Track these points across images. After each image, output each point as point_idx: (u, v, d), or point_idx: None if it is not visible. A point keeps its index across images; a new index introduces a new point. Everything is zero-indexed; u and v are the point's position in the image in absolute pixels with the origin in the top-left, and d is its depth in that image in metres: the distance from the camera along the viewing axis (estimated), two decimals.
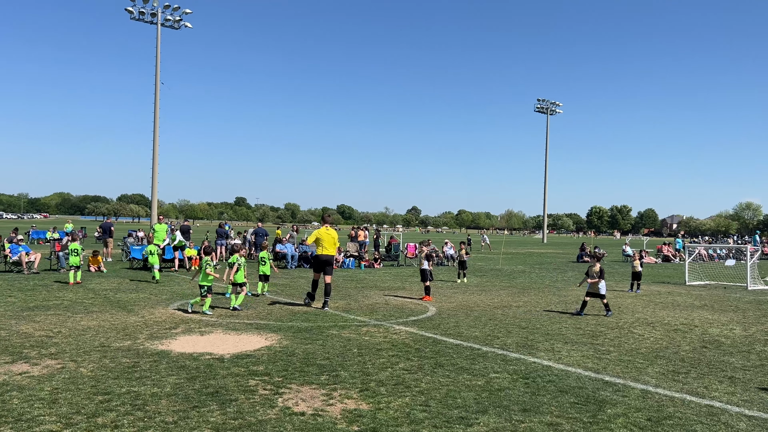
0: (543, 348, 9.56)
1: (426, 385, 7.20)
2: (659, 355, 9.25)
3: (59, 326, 10.42)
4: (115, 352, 8.52)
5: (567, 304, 15.19)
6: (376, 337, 10.06)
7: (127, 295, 14.72)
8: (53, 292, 14.94)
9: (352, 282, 19.52)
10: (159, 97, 46.30)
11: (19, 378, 7.05)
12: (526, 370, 8.03)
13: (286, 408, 6.17)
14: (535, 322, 12.19)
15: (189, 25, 47.69)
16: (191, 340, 9.47)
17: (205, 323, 11.05)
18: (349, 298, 15.41)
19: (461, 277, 20.99)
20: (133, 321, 11.11)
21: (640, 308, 14.75)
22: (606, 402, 6.69)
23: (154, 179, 47.03)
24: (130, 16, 45.51)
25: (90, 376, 7.21)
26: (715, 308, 15.15)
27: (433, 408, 6.31)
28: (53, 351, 8.48)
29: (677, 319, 13.14)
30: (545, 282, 21.34)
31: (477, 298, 16.11)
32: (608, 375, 7.92)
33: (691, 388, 7.38)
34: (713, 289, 20.32)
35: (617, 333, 11.13)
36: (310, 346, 9.16)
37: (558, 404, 6.56)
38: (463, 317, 12.56)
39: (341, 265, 25.79)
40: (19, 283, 16.72)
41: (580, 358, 8.87)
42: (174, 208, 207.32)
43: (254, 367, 7.83)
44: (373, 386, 7.06)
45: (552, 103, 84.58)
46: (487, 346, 9.56)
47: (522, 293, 17.46)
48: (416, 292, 16.73)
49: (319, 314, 12.48)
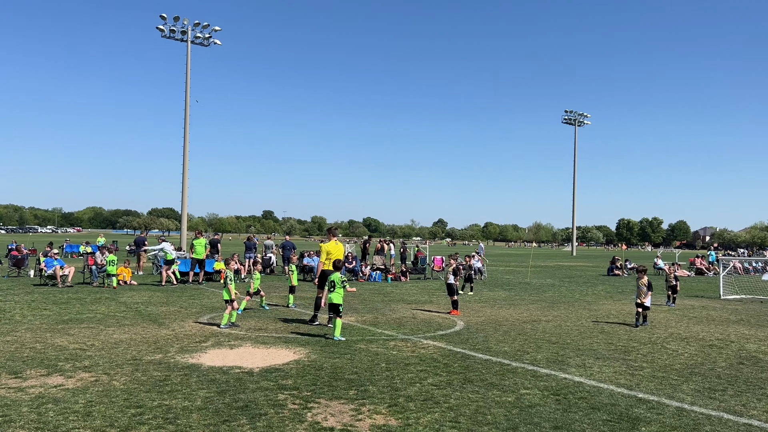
0: (574, 363, 9.41)
1: (455, 400, 7.14)
2: (694, 372, 9.03)
3: (92, 339, 10.60)
4: (147, 365, 8.64)
5: (598, 318, 14.95)
6: (404, 352, 10.02)
7: (157, 309, 14.93)
8: (86, 306, 15.23)
9: (378, 295, 19.50)
10: (189, 113, 47.14)
11: (54, 390, 7.18)
12: (557, 387, 7.91)
13: (315, 423, 6.17)
14: (565, 336, 12.02)
15: (218, 41, 48.56)
16: (221, 354, 9.55)
17: (235, 336, 11.14)
18: (376, 311, 15.40)
19: (467, 290, 20.68)
20: (164, 334, 11.26)
21: (674, 323, 14.44)
22: (640, 420, 6.55)
23: (184, 193, 47.77)
24: (161, 35, 46.55)
25: (122, 389, 7.32)
26: (752, 323, 14.76)
27: (462, 424, 6.25)
28: (87, 364, 8.64)
29: (712, 334, 12.83)
30: (575, 296, 21.04)
31: (506, 312, 15.95)
32: (642, 392, 7.76)
33: (729, 406, 7.18)
34: (749, 303, 19.81)
35: (650, 348, 10.91)
36: (338, 360, 9.16)
37: (590, 421, 6.44)
38: (491, 332, 12.45)
39: (368, 279, 25.80)
40: (53, 296, 17.09)
41: (613, 374, 8.72)
42: (203, 221, 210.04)
43: (283, 381, 7.86)
44: (401, 401, 7.03)
45: (580, 114, 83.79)
46: (517, 362, 9.45)
47: (551, 307, 17.24)
48: (444, 306, 16.64)
49: (346, 328, 12.48)
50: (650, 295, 13.87)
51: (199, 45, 48.30)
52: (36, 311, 13.96)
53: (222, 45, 49.65)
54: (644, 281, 13.93)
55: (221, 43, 48.85)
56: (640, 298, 13.84)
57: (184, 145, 47.32)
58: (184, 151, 47.34)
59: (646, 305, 13.77)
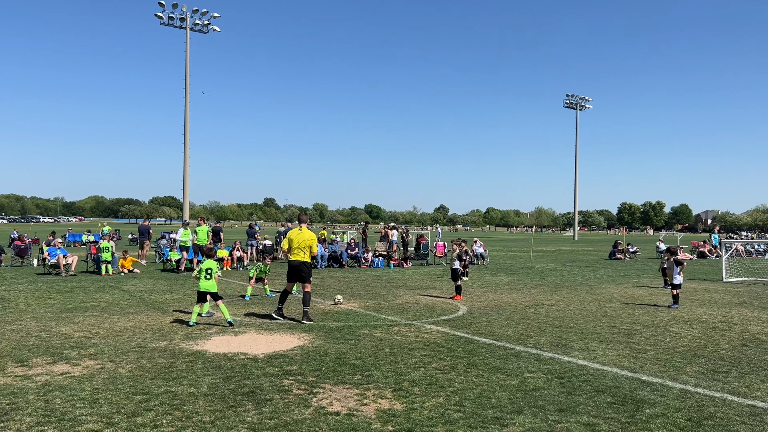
0: (577, 347, 9.44)
1: (459, 384, 7.17)
2: (698, 354, 9.05)
3: (97, 327, 10.64)
4: (152, 352, 8.67)
5: (601, 302, 14.97)
6: (408, 337, 10.05)
7: (161, 296, 14.97)
8: (90, 294, 15.27)
9: (381, 281, 19.54)
10: (189, 100, 47.00)
11: (60, 378, 7.22)
12: (560, 370, 7.93)
13: (320, 408, 6.20)
14: (568, 320, 12.04)
15: (217, 28, 48.28)
16: (225, 341, 9.59)
17: (239, 323, 11.17)
18: (379, 297, 15.43)
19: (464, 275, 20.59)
20: (168, 322, 11.29)
21: (678, 305, 14.45)
22: (644, 402, 6.58)
23: (186, 181, 47.76)
24: (159, 22, 46.28)
25: (128, 376, 7.35)
26: (755, 305, 14.78)
27: (467, 408, 6.27)
28: (92, 352, 8.67)
29: (715, 316, 12.85)
30: (577, 280, 21.07)
31: (508, 296, 15.98)
32: (645, 374, 7.78)
33: (732, 388, 7.20)
34: (752, 285, 19.82)
35: (653, 331, 10.93)
36: (342, 346, 9.20)
37: (594, 404, 6.47)
38: (494, 316, 12.48)
39: (371, 265, 25.84)
40: (57, 285, 17.14)
41: (616, 357, 8.74)
42: (205, 209, 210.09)
43: (288, 366, 7.89)
44: (406, 386, 7.06)
45: (581, 98, 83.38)
46: (521, 346, 9.47)
47: (554, 291, 17.27)
48: (446, 292, 16.67)
49: (350, 314, 12.52)
50: (679, 270, 14.29)
51: (198, 32, 48.06)
52: (40, 300, 14.01)
53: (222, 32, 49.31)
54: (671, 261, 14.69)
55: (220, 30, 48.57)
56: (670, 278, 14.58)
57: (185, 132, 47.24)
58: (185, 138, 47.27)
59: (675, 283, 14.21)
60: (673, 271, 14.32)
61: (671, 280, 14.46)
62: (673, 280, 14.28)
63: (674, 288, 14.27)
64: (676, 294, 14.25)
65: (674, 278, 14.26)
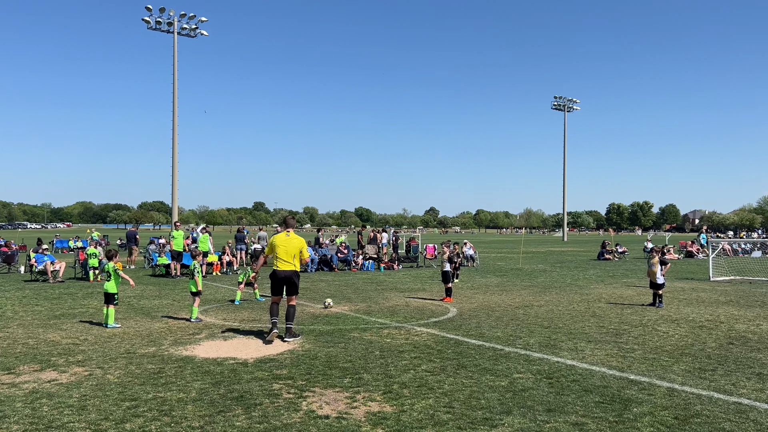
0: (566, 347, 9.49)
1: (449, 386, 7.19)
2: (685, 353, 9.13)
3: (85, 334, 10.57)
4: (141, 358, 8.63)
5: (589, 302, 15.06)
6: (398, 339, 10.06)
7: (150, 302, 14.90)
8: (78, 300, 15.17)
9: (371, 284, 19.54)
10: (177, 104, 46.79)
11: (48, 385, 7.17)
12: (549, 370, 7.98)
13: (310, 411, 6.20)
14: (557, 321, 12.11)
15: (205, 32, 48.07)
16: (215, 345, 9.56)
17: (228, 328, 11.14)
18: (369, 300, 15.44)
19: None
20: (157, 327, 11.24)
21: (664, 305, 14.56)
22: (632, 401, 6.63)
23: (174, 186, 47.52)
24: (146, 26, 46.06)
25: (117, 382, 7.31)
26: (741, 304, 14.92)
27: (457, 409, 6.30)
28: (80, 358, 8.62)
29: (702, 315, 12.96)
30: (566, 280, 21.18)
31: (498, 298, 16.04)
32: (633, 373, 7.84)
33: (719, 386, 7.28)
34: (738, 284, 20.01)
35: (641, 331, 11.01)
36: (332, 350, 9.19)
37: (583, 404, 6.51)
38: (484, 318, 12.52)
39: (360, 268, 25.84)
40: (45, 291, 17.01)
41: (604, 357, 8.80)
42: (194, 214, 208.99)
43: (277, 371, 7.88)
44: (396, 388, 7.07)
45: (569, 100, 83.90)
46: (510, 347, 9.52)
47: (543, 292, 17.35)
48: (436, 294, 16.70)
49: (340, 317, 12.51)
50: (663, 270, 14.44)
51: (185, 36, 47.83)
52: (27, 307, 13.89)
53: (209, 36, 49.16)
54: (655, 260, 14.59)
55: (208, 34, 48.41)
56: (652, 278, 14.50)
57: (173, 137, 47.00)
58: (173, 143, 47.02)
59: (658, 282, 14.32)
60: (657, 271, 14.39)
61: (654, 279, 14.49)
62: (656, 280, 14.38)
63: (658, 288, 14.37)
64: (661, 294, 14.36)
65: (657, 278, 14.35)
